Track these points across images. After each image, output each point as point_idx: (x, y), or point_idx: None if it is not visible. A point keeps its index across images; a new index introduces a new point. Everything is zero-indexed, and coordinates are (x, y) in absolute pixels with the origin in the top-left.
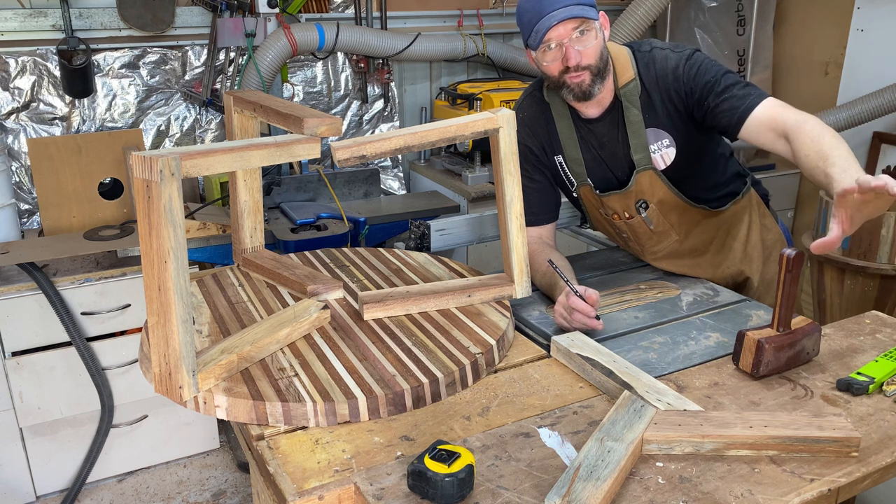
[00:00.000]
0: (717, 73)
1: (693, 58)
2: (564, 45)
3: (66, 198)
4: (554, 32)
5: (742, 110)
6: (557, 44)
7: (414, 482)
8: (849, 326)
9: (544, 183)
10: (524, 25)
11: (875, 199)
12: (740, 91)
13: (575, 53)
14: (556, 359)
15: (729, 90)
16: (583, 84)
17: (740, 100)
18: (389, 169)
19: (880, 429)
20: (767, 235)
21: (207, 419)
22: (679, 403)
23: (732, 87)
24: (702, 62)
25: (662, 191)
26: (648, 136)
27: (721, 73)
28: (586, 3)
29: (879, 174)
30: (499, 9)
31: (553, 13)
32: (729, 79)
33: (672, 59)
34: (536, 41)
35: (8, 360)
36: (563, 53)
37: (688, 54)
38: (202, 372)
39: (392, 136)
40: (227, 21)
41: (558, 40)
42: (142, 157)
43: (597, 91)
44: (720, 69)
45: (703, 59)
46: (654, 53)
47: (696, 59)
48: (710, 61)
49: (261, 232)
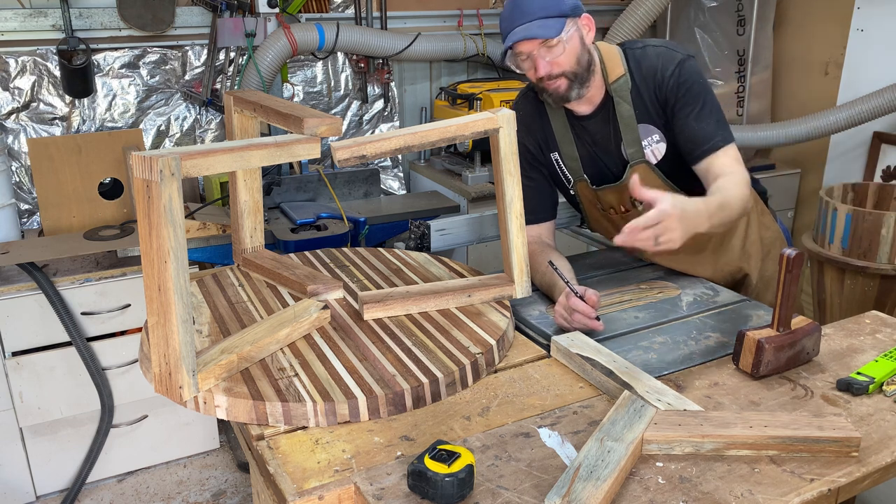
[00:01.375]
0: (699, 95)
1: (684, 67)
2: (533, 57)
3: (66, 198)
4: (520, 47)
5: (704, 150)
6: (527, 55)
7: (414, 482)
8: (849, 326)
9: (541, 181)
10: (502, 35)
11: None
12: (715, 128)
13: (544, 65)
14: (556, 359)
15: (704, 121)
16: (558, 90)
17: (707, 139)
18: (389, 169)
19: (880, 429)
20: (766, 233)
21: (207, 419)
22: (679, 403)
23: (708, 118)
24: (689, 76)
25: (656, 184)
26: (642, 131)
27: (703, 96)
28: (554, 15)
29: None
30: (499, 9)
31: (516, 29)
32: (707, 106)
33: (664, 58)
34: (506, 54)
35: (8, 360)
36: (534, 64)
37: (679, 60)
38: (202, 372)
39: (392, 136)
40: (227, 21)
41: (527, 52)
42: (142, 157)
43: (575, 95)
44: (704, 91)
45: (692, 72)
46: (647, 50)
47: (686, 71)
48: (698, 77)
49: (261, 232)
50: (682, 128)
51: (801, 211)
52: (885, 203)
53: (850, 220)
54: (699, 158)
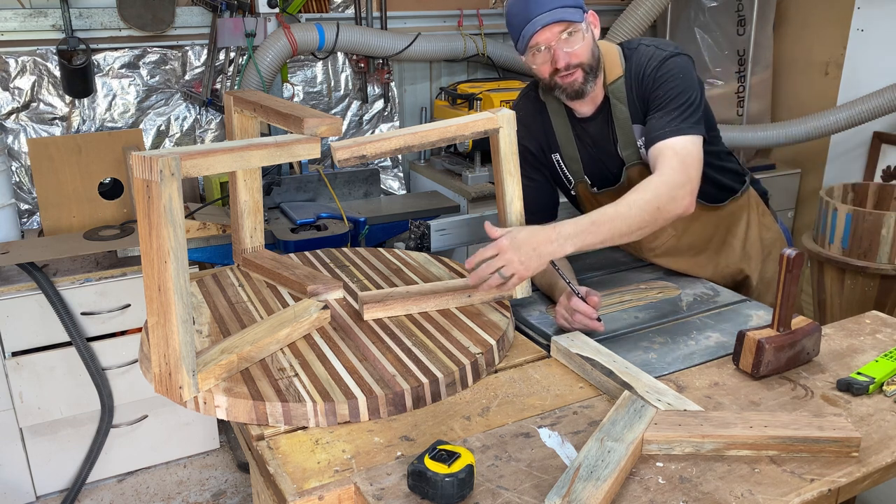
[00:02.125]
0: (672, 90)
1: (668, 63)
2: (552, 48)
3: (66, 198)
4: (540, 37)
5: (650, 139)
6: (546, 47)
7: (414, 482)
8: (849, 326)
9: (542, 182)
10: (513, 30)
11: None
12: (670, 118)
13: (563, 55)
14: (556, 359)
15: (666, 111)
16: (575, 83)
17: (663, 127)
18: (389, 169)
19: (880, 429)
20: (766, 234)
21: (207, 419)
22: (679, 403)
23: (672, 111)
24: (668, 71)
25: None
26: (637, 132)
27: (676, 90)
28: (571, 6)
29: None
30: (499, 9)
31: (537, 18)
32: (675, 99)
33: (649, 57)
34: (523, 46)
35: (8, 360)
36: (552, 56)
37: (663, 57)
38: (202, 372)
39: (392, 136)
40: (227, 21)
41: (546, 44)
42: (142, 157)
43: (590, 89)
44: (678, 86)
45: (676, 68)
46: (640, 49)
47: (669, 66)
48: (678, 72)
49: (261, 232)
50: (649, 118)
51: (801, 211)
52: (885, 203)
53: (851, 220)
54: (647, 149)
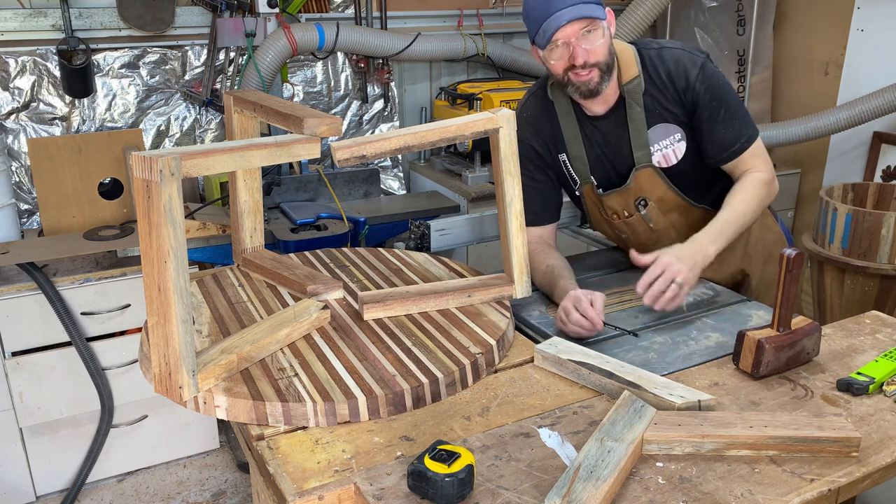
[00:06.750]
0: (723, 98)
1: (705, 70)
2: (571, 44)
3: (66, 198)
4: (562, 32)
5: (730, 153)
6: (564, 42)
7: (414, 482)
8: (849, 326)
9: (546, 183)
10: (531, 23)
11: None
12: (739, 127)
13: (582, 52)
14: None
15: (731, 122)
16: (591, 82)
17: (733, 138)
18: (389, 169)
19: (880, 429)
20: (767, 235)
21: (207, 419)
22: (692, 395)
23: (732, 121)
24: (713, 78)
25: (662, 189)
26: (658, 132)
27: (727, 98)
28: (594, 2)
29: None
30: (499, 9)
31: (561, 12)
32: (732, 107)
33: (684, 62)
34: (544, 40)
35: (8, 360)
36: (570, 52)
37: (701, 63)
38: (202, 372)
39: (392, 136)
40: (227, 21)
41: (565, 39)
42: (142, 157)
43: (604, 88)
44: (727, 93)
45: (715, 73)
46: (664, 52)
47: (710, 74)
48: (720, 77)
49: (261, 232)
50: (709, 132)
51: (801, 211)
52: (885, 203)
53: (850, 220)
54: (725, 161)
